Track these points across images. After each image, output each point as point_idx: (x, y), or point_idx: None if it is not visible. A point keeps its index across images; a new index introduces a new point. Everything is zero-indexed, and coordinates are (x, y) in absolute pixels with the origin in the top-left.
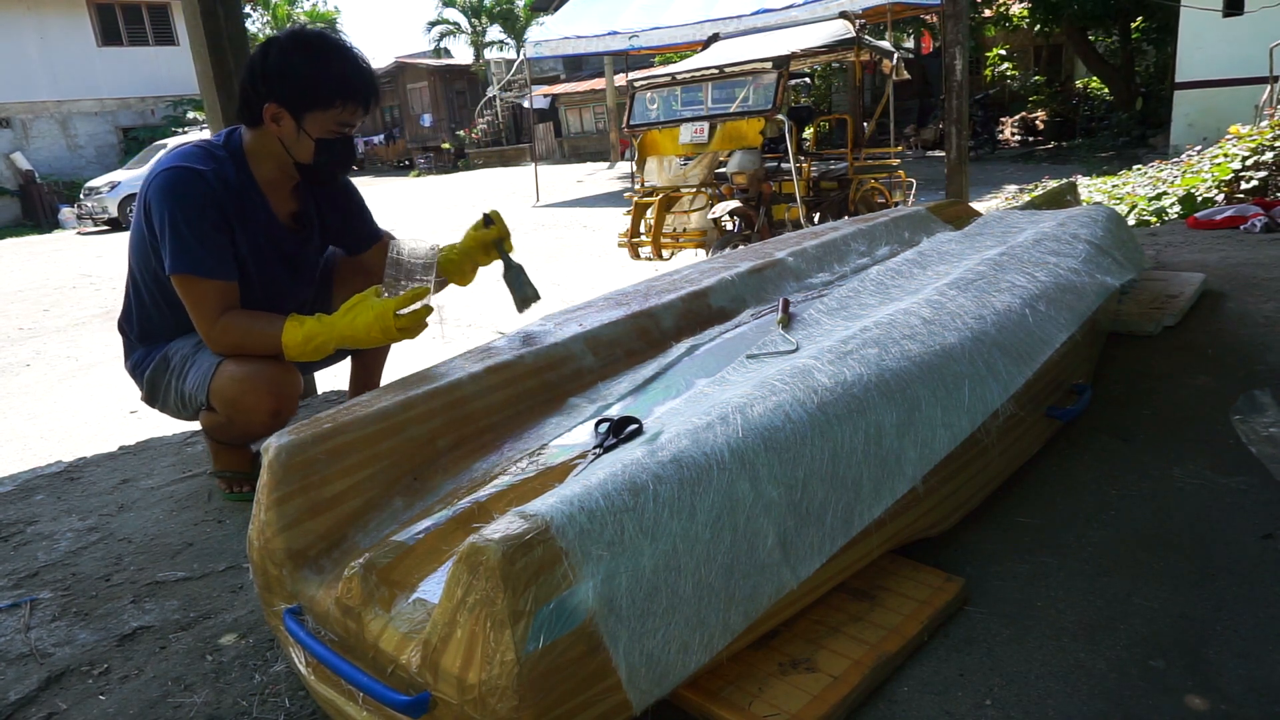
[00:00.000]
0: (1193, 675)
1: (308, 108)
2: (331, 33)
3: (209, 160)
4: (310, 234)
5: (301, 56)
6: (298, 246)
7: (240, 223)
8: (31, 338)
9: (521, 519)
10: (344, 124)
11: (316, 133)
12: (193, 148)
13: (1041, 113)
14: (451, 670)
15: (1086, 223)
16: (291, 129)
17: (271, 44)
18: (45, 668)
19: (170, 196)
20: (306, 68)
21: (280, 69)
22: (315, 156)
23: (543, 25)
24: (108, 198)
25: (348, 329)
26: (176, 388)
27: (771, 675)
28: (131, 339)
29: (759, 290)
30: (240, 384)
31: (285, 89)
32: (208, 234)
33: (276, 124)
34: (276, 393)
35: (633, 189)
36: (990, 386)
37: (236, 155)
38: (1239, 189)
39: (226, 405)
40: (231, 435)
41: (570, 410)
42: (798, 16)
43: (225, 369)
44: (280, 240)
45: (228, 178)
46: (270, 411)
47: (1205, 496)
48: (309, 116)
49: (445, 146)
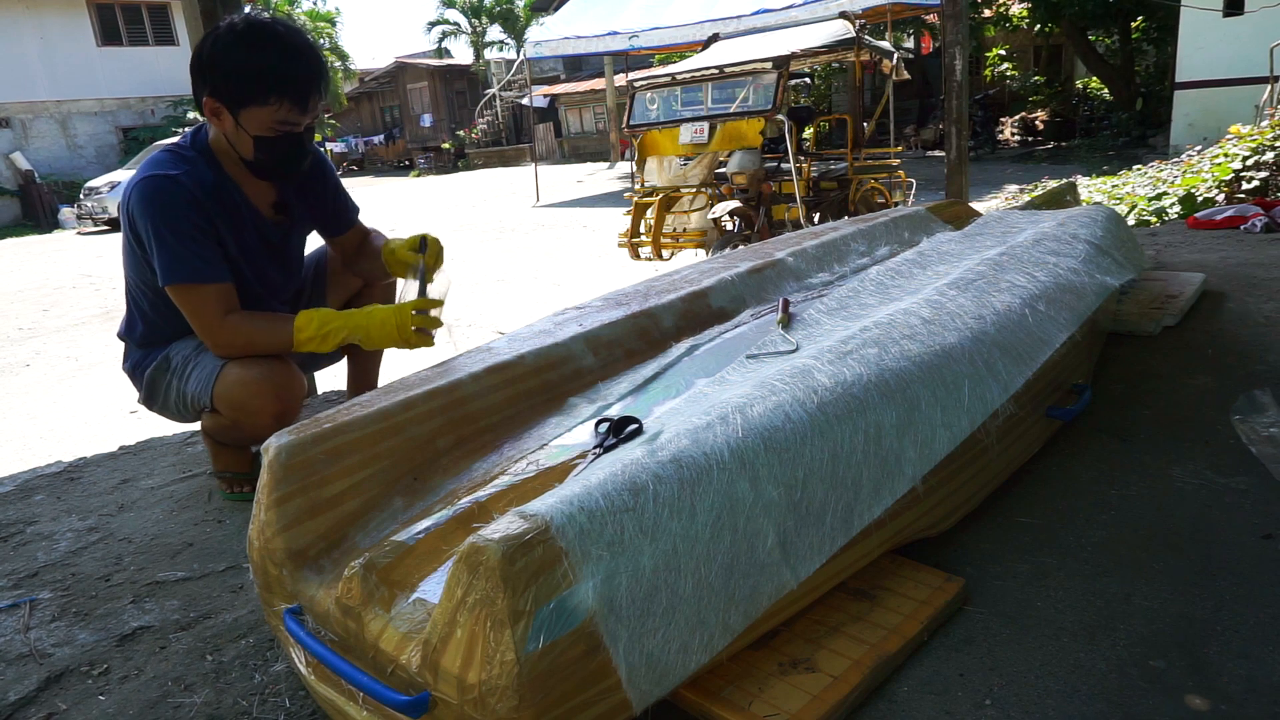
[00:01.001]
0: (1193, 675)
1: (243, 103)
2: (281, 23)
3: (181, 163)
4: (293, 221)
5: (237, 48)
6: (283, 236)
7: (224, 221)
8: (31, 338)
9: (521, 519)
10: (283, 122)
11: (254, 130)
12: (163, 153)
13: (1041, 113)
14: (451, 670)
15: (1086, 223)
16: (231, 125)
17: (212, 33)
18: (45, 668)
19: (151, 207)
20: (241, 60)
21: (214, 60)
22: (255, 154)
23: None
24: (108, 198)
25: (364, 319)
26: (178, 389)
27: (771, 675)
28: (136, 338)
29: (759, 290)
30: (246, 387)
31: (220, 82)
32: (195, 239)
33: (217, 119)
34: (281, 395)
35: (633, 189)
36: (990, 386)
37: (205, 153)
38: (1239, 189)
39: (232, 408)
40: (235, 437)
41: (570, 410)
42: (798, 16)
43: (230, 371)
44: (265, 232)
45: (203, 178)
46: (275, 414)
47: (1205, 496)
48: (244, 113)
49: (445, 146)
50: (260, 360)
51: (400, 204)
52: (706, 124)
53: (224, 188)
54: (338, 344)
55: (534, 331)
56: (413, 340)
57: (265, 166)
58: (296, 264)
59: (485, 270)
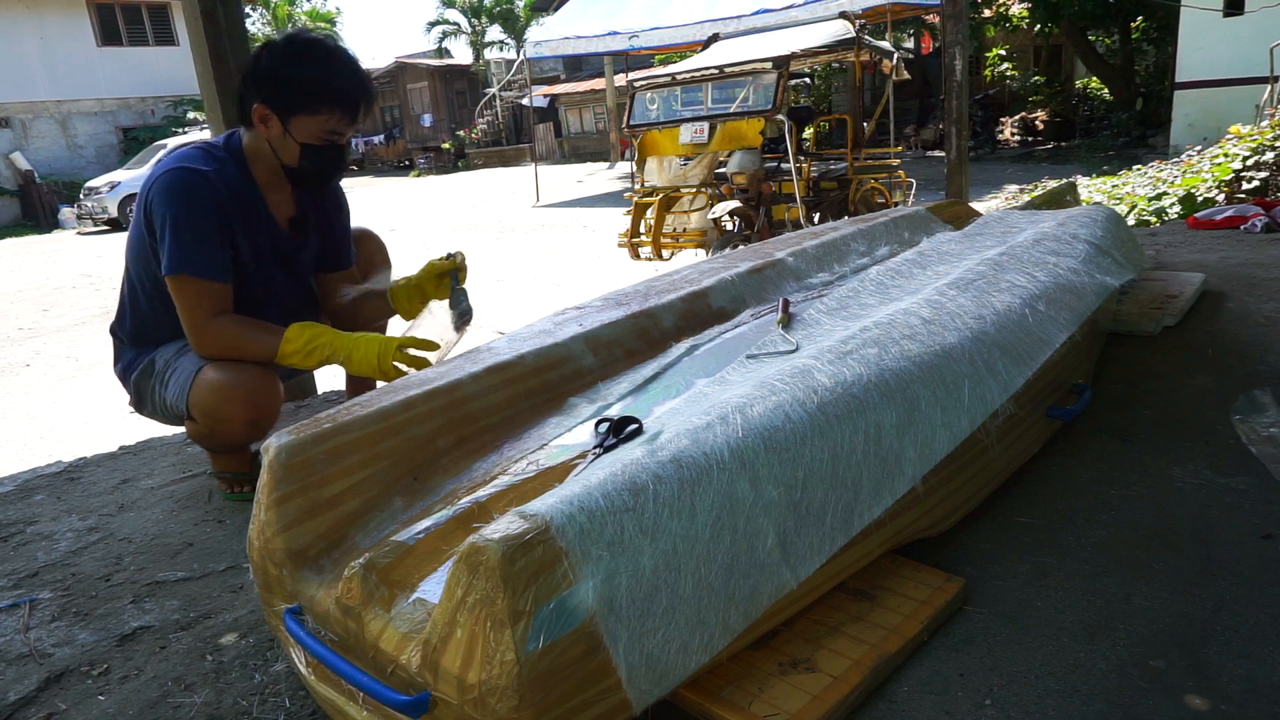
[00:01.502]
0: (1193, 675)
1: (294, 111)
2: (332, 40)
3: (211, 161)
4: (307, 239)
5: (294, 60)
6: (294, 250)
7: (241, 224)
8: (31, 338)
9: (521, 519)
10: (331, 132)
11: (302, 137)
12: (194, 149)
13: (1041, 113)
14: (451, 670)
15: (1086, 223)
16: (278, 131)
17: (268, 45)
18: (45, 668)
19: (173, 197)
20: (297, 71)
21: (271, 70)
22: (300, 161)
23: (543, 25)
24: (108, 198)
25: (350, 344)
26: (160, 394)
27: (771, 675)
28: (124, 341)
29: (759, 290)
30: (217, 393)
31: (274, 91)
32: (208, 236)
33: (264, 125)
34: (254, 402)
35: (633, 189)
36: (990, 386)
37: (237, 156)
38: (1239, 189)
39: (204, 414)
40: (214, 444)
41: (570, 410)
42: (798, 16)
43: (203, 378)
44: (279, 242)
45: (230, 179)
46: (247, 420)
47: (1205, 496)
48: (295, 120)
49: (445, 146)
50: (234, 366)
51: (400, 204)
52: (706, 124)
53: (248, 192)
54: (320, 362)
55: (534, 331)
56: (390, 375)
57: (306, 173)
58: (303, 278)
59: (485, 270)
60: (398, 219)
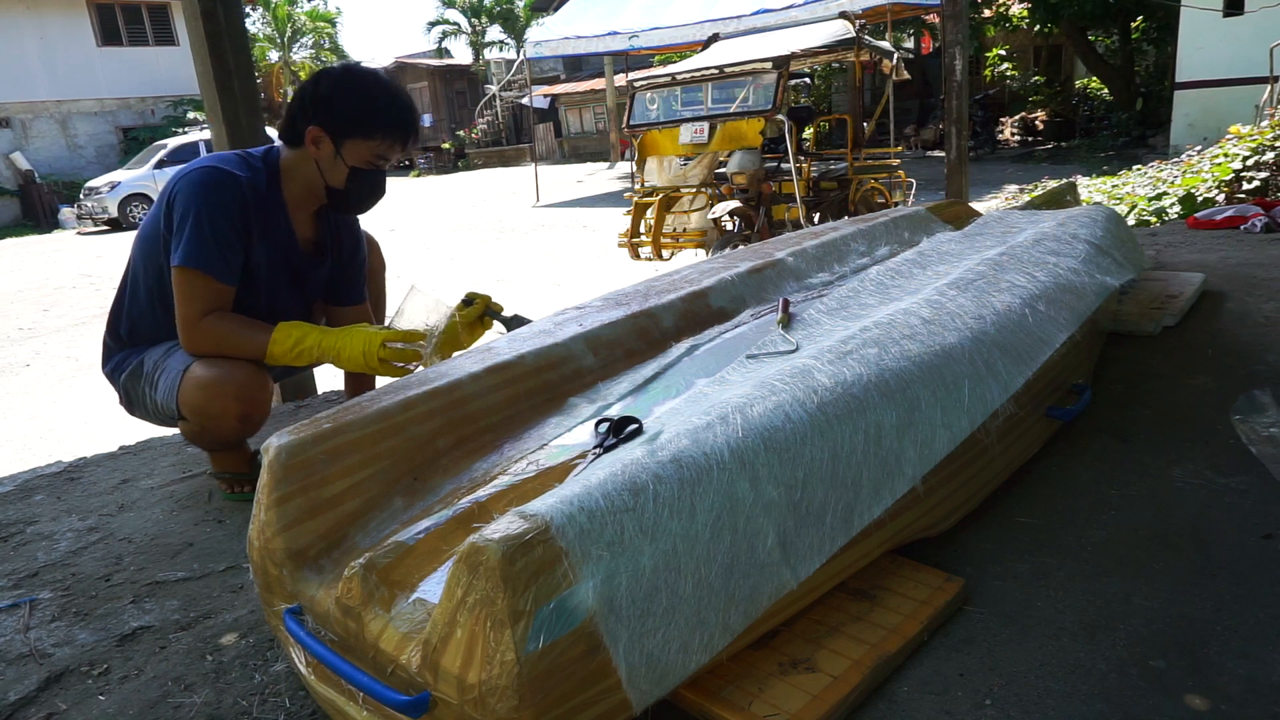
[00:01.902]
0: (1193, 675)
1: (349, 135)
2: (388, 74)
3: (245, 168)
4: (324, 260)
5: (352, 87)
6: (307, 268)
7: (261, 232)
8: (31, 338)
9: (521, 519)
10: (380, 156)
11: (352, 160)
12: (232, 154)
13: (1041, 113)
14: (451, 670)
15: (1086, 223)
16: (330, 153)
17: (326, 72)
18: (45, 668)
19: (200, 193)
20: (355, 98)
21: (330, 95)
22: (346, 183)
23: (543, 25)
24: (108, 198)
25: (337, 340)
26: (150, 396)
27: (771, 675)
28: (120, 337)
29: (759, 290)
30: (206, 390)
31: (331, 114)
32: (226, 237)
33: (316, 146)
34: (243, 397)
35: (633, 189)
36: (990, 386)
37: (272, 169)
38: (1239, 189)
39: (194, 412)
40: (207, 442)
41: (570, 410)
42: (798, 16)
43: (191, 376)
44: (293, 258)
45: (259, 187)
46: (238, 416)
47: (1205, 496)
48: (348, 144)
49: (445, 146)
50: (222, 363)
51: (400, 204)
52: (706, 124)
53: (274, 203)
54: (310, 362)
55: (534, 331)
56: (379, 370)
57: (350, 195)
58: (309, 299)
59: (485, 270)
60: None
